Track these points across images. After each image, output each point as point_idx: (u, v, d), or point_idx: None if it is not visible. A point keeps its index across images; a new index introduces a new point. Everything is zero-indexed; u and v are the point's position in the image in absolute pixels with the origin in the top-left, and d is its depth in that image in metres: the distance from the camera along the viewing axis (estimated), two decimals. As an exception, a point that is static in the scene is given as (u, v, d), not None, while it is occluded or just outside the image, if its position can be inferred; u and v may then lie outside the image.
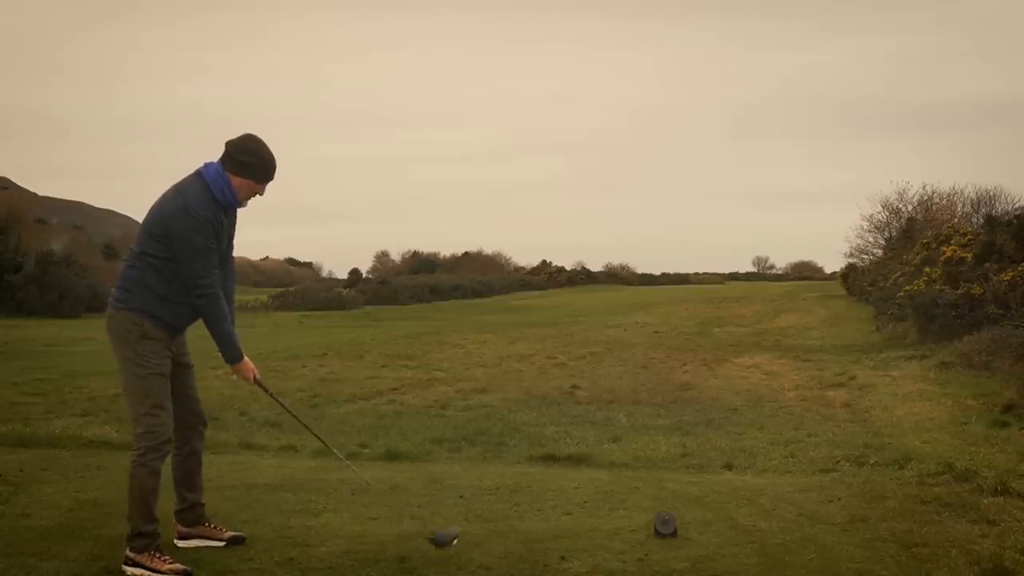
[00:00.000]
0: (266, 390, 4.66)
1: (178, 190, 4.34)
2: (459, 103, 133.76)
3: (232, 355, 4.43)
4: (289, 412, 4.88)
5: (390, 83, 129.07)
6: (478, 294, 48.30)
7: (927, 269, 18.95)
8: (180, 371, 4.48)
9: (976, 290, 15.41)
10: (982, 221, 24.83)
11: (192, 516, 4.61)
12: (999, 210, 29.57)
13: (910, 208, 37.42)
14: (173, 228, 4.23)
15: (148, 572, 4.11)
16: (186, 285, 4.28)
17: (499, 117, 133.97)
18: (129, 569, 4.15)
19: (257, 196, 4.48)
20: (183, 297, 4.32)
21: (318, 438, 4.96)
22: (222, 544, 4.54)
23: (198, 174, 4.36)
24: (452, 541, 4.45)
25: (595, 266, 70.24)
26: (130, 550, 4.18)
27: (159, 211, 4.31)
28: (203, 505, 4.67)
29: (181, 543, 4.56)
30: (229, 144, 4.38)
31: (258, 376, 4.57)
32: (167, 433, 4.31)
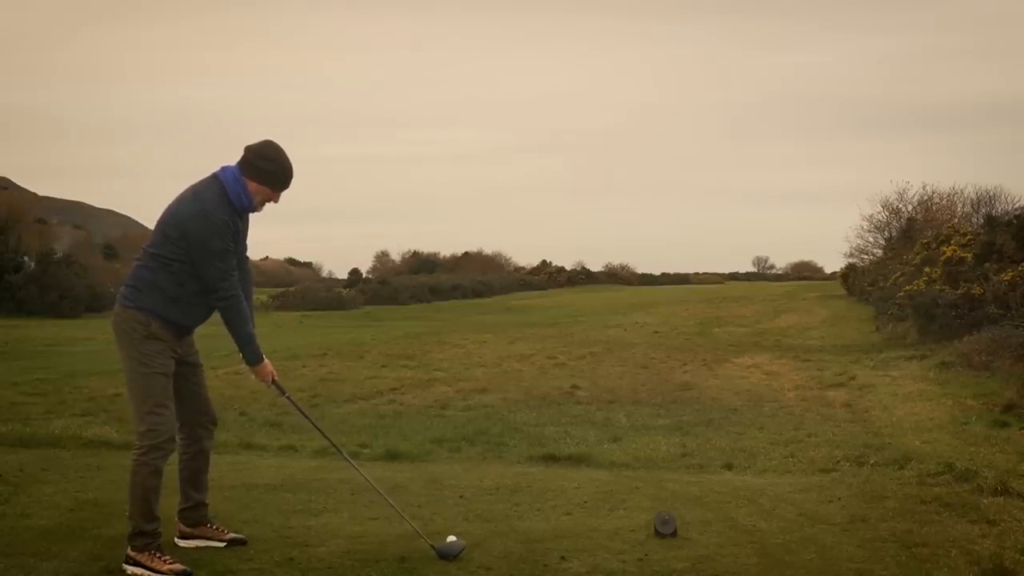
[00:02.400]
0: (283, 392, 4.64)
1: (195, 193, 4.33)
2: (459, 103, 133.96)
3: (252, 357, 4.43)
4: (306, 416, 4.87)
5: (390, 83, 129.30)
6: (478, 294, 48.30)
7: (927, 269, 18.94)
8: (187, 371, 4.48)
9: (976, 290, 15.40)
10: (982, 221, 24.83)
11: (195, 516, 4.61)
12: (999, 210, 29.61)
13: (910, 208, 37.47)
14: (191, 232, 4.23)
15: (148, 571, 4.11)
16: (206, 289, 4.29)
17: (499, 117, 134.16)
18: (129, 568, 4.15)
19: (271, 203, 4.48)
20: (194, 298, 4.33)
21: (334, 445, 4.95)
22: (223, 545, 4.54)
23: (215, 177, 4.35)
24: (459, 553, 4.41)
25: (595, 266, 70.41)
26: (131, 549, 4.19)
27: (176, 213, 4.30)
28: (207, 505, 4.67)
29: (182, 543, 4.56)
30: (249, 149, 4.38)
31: (276, 378, 4.56)
32: (169, 432, 4.30)
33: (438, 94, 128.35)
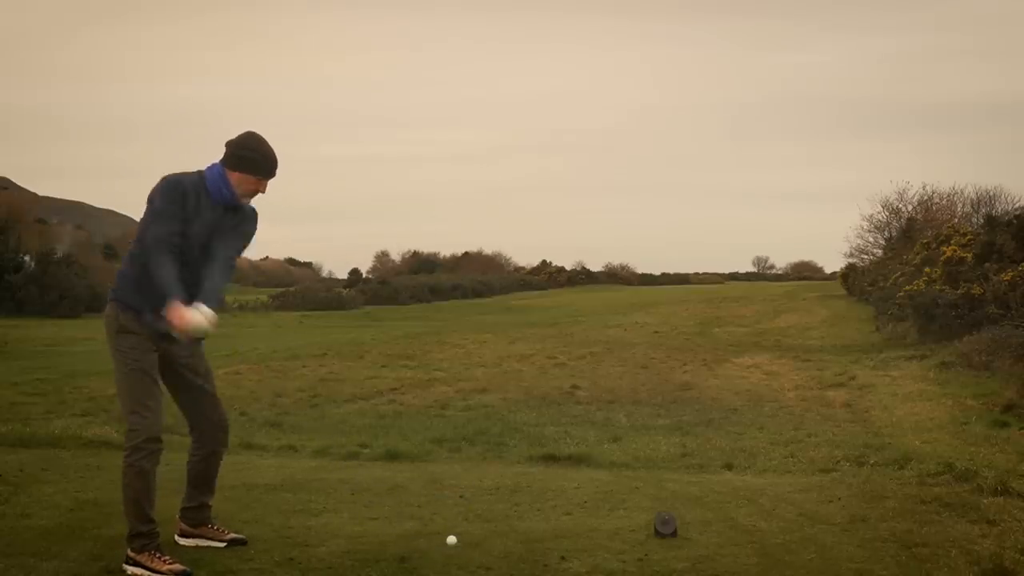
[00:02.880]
0: (197, 342, 4.37)
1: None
2: (459, 103, 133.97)
3: (169, 296, 4.13)
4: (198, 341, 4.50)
5: (390, 83, 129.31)
6: (478, 294, 48.31)
7: (927, 269, 18.94)
8: (189, 379, 4.47)
9: (976, 290, 15.41)
10: (982, 221, 24.83)
11: (199, 517, 4.60)
12: (999, 210, 29.60)
13: (910, 208, 37.43)
14: (150, 197, 4.22)
15: (148, 572, 4.11)
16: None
17: (499, 117, 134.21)
18: (129, 568, 4.14)
19: (260, 195, 4.42)
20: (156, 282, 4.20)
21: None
22: (223, 545, 4.54)
23: (199, 171, 4.36)
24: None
25: (595, 266, 70.38)
26: (130, 550, 4.18)
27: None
28: (210, 507, 4.67)
29: (183, 540, 4.55)
30: (229, 143, 4.36)
31: (191, 328, 4.11)
32: (148, 432, 4.18)
33: (438, 94, 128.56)
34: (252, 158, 4.33)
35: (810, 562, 4.36)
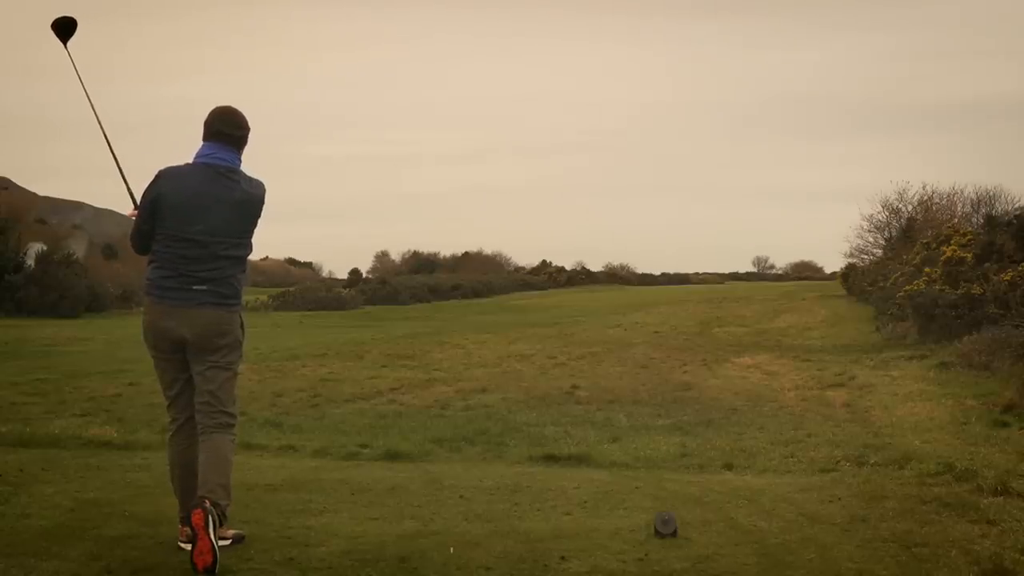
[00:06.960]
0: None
1: None
2: (459, 103, 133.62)
3: None
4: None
5: (391, 82, 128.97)
6: (478, 294, 48.28)
7: (927, 269, 18.94)
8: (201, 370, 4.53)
9: (976, 290, 15.42)
10: (982, 221, 24.86)
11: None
12: (999, 210, 29.61)
13: (910, 208, 37.39)
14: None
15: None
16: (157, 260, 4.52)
17: (499, 117, 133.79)
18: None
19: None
20: (161, 269, 4.44)
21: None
22: (227, 543, 4.54)
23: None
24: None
25: (595, 266, 70.23)
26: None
27: None
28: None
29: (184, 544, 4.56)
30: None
31: None
32: (173, 422, 4.53)
33: (438, 94, 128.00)
34: (209, 120, 4.56)
35: (810, 562, 4.36)
